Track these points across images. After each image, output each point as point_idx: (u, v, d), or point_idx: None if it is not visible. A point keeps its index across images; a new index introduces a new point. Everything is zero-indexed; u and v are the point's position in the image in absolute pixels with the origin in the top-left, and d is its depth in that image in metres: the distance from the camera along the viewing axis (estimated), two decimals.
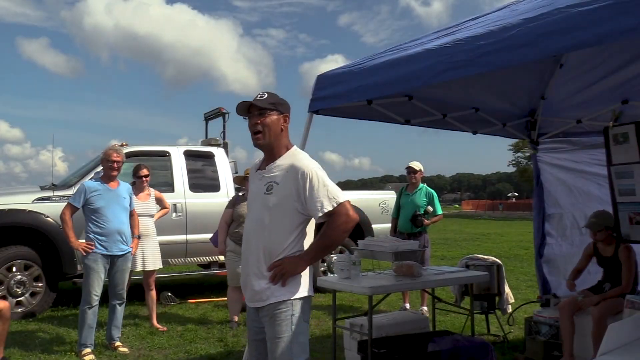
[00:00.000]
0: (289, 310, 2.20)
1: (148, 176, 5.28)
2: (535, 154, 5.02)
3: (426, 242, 5.82)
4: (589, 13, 1.98)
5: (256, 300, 2.26)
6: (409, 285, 4.10)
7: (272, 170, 2.28)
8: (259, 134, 2.27)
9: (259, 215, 2.27)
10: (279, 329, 2.19)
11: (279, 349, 2.18)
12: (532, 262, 5.84)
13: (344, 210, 2.19)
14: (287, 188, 2.21)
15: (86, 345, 4.33)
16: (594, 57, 3.91)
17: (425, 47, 2.71)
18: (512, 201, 61.72)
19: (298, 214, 2.23)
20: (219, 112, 8.13)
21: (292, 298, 2.20)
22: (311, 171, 2.20)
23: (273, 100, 2.30)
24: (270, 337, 2.21)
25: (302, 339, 2.22)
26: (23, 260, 5.69)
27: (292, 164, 2.24)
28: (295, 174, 2.20)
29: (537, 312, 4.34)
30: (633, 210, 4.09)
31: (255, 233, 2.28)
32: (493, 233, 20.33)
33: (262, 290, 2.22)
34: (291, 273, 2.20)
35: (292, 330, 2.18)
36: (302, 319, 2.22)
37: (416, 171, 5.94)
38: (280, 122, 2.29)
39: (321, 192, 2.17)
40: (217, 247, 5.51)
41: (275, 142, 2.30)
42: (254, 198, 2.36)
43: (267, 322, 2.23)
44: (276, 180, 2.24)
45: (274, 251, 2.22)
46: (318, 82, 3.43)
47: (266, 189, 2.25)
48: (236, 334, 5.01)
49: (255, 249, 2.27)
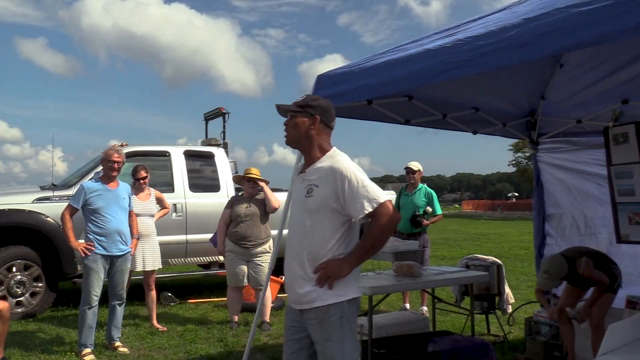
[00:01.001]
0: (338, 313, 2.19)
1: (146, 178, 5.26)
2: (535, 154, 5.02)
3: (426, 242, 5.82)
4: (589, 13, 1.98)
5: (302, 303, 2.26)
6: (409, 285, 4.10)
7: (311, 173, 2.29)
8: (286, 135, 2.34)
9: (301, 219, 2.28)
10: (329, 332, 2.18)
11: (331, 351, 2.18)
12: (532, 262, 5.85)
13: (385, 210, 2.17)
14: (326, 190, 2.20)
15: (86, 345, 4.33)
16: (594, 57, 3.90)
17: (426, 47, 2.71)
18: (512, 201, 61.70)
19: (339, 215, 2.22)
20: (219, 112, 8.13)
21: (339, 301, 2.19)
22: (350, 172, 2.19)
23: (303, 102, 2.32)
24: (319, 339, 2.22)
25: (352, 340, 2.23)
26: (23, 260, 5.69)
27: (330, 166, 2.24)
28: (333, 176, 2.20)
29: (537, 312, 4.34)
30: (632, 210, 4.08)
31: (298, 236, 2.28)
32: (493, 233, 20.33)
33: (307, 293, 2.22)
34: (336, 276, 2.18)
35: (341, 332, 2.18)
36: (350, 321, 2.22)
37: (415, 171, 5.94)
38: (307, 124, 2.29)
39: (361, 193, 2.16)
40: (216, 247, 5.52)
41: (305, 144, 2.32)
42: (295, 202, 2.38)
43: (314, 325, 2.23)
44: (315, 183, 2.24)
45: (317, 254, 2.22)
46: (318, 82, 3.43)
47: (306, 192, 2.26)
48: (236, 334, 5.01)
49: (298, 252, 2.27)
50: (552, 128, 4.83)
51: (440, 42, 2.66)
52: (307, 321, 2.25)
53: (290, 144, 2.36)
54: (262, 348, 4.62)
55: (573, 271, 3.62)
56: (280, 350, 4.47)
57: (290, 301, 2.35)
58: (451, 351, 3.43)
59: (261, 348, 4.62)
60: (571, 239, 4.81)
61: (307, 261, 2.23)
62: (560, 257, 3.72)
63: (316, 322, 2.21)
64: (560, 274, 3.62)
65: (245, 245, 5.23)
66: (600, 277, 3.59)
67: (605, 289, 3.59)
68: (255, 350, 4.46)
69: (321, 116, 2.31)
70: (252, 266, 5.29)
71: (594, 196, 4.66)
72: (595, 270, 3.60)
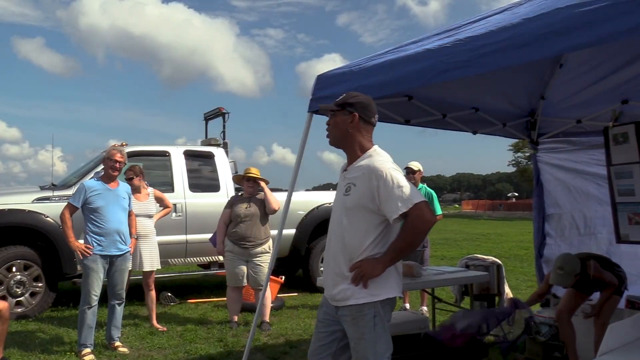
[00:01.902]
0: (371, 313, 2.20)
1: (133, 178, 5.19)
2: (535, 154, 5.02)
3: (425, 242, 5.82)
4: (589, 13, 1.98)
5: (337, 300, 2.29)
6: (409, 285, 4.10)
7: (351, 171, 2.30)
8: (328, 134, 2.36)
9: (339, 217, 2.31)
10: (362, 330, 2.22)
11: (363, 349, 2.21)
12: (532, 262, 5.84)
13: (418, 211, 2.15)
14: (362, 189, 2.21)
15: (86, 345, 4.33)
16: (594, 57, 3.91)
17: (426, 47, 2.71)
18: (512, 201, 61.71)
19: (375, 215, 2.22)
20: (219, 112, 8.13)
21: (372, 301, 2.21)
22: (386, 172, 2.18)
23: (342, 100, 2.32)
24: (353, 337, 2.25)
25: (386, 340, 2.25)
26: (23, 260, 5.69)
27: (368, 164, 2.24)
28: (370, 175, 2.20)
29: (537, 312, 4.34)
30: (632, 210, 4.08)
31: (335, 234, 2.31)
32: (493, 233, 20.34)
33: (343, 290, 2.25)
34: (370, 275, 2.18)
35: (374, 331, 2.21)
36: (384, 320, 2.24)
37: (415, 171, 5.94)
38: (347, 122, 2.30)
39: (396, 194, 2.15)
40: (216, 247, 5.52)
41: (345, 142, 2.34)
42: (336, 200, 2.41)
43: (347, 322, 2.25)
44: (354, 182, 2.26)
45: (353, 253, 2.23)
46: (318, 82, 3.43)
47: (345, 191, 2.28)
48: (236, 334, 5.01)
49: (335, 250, 2.31)
50: (552, 128, 4.83)
51: (440, 42, 2.66)
52: (342, 317, 2.29)
53: (334, 144, 2.36)
54: (262, 348, 4.62)
55: (584, 272, 3.63)
56: (280, 350, 4.50)
57: (327, 296, 2.38)
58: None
59: (261, 348, 4.62)
60: (570, 239, 4.82)
61: (344, 259, 2.26)
62: (574, 255, 3.74)
63: (350, 319, 2.24)
64: (574, 271, 3.63)
65: (245, 245, 5.23)
66: (611, 278, 3.61)
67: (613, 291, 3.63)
68: (255, 350, 4.46)
69: (360, 113, 2.30)
70: (251, 266, 5.29)
71: (593, 196, 4.66)
72: (605, 271, 3.63)
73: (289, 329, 5.24)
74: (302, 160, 3.60)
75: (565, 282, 3.68)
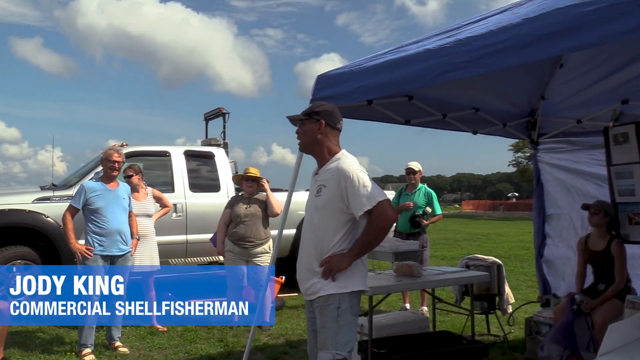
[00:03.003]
0: (336, 303, 2.36)
1: (132, 176, 5.19)
2: (535, 154, 5.02)
3: (425, 242, 5.82)
4: (589, 14, 1.98)
5: (309, 294, 2.47)
6: (409, 285, 4.10)
7: (322, 174, 2.49)
8: (299, 142, 2.57)
9: (311, 217, 2.50)
10: (325, 319, 2.36)
11: (324, 337, 2.35)
12: (532, 263, 5.84)
13: (381, 209, 2.32)
14: (332, 190, 2.40)
15: (86, 345, 4.33)
16: (594, 57, 3.91)
17: (426, 47, 2.71)
18: (512, 201, 61.67)
19: (343, 213, 2.39)
20: (219, 112, 8.13)
21: (339, 292, 2.36)
22: (352, 173, 2.37)
23: (310, 109, 2.52)
24: (319, 326, 2.40)
25: (348, 331, 2.37)
26: (23, 260, 5.68)
27: (337, 167, 2.43)
28: (339, 176, 2.39)
29: (538, 312, 4.34)
30: (632, 210, 4.08)
31: (308, 233, 2.51)
32: (493, 233, 20.33)
33: (314, 284, 2.42)
34: (337, 269, 2.36)
35: (337, 322, 2.34)
36: (349, 312, 2.38)
37: (416, 172, 5.95)
38: (314, 130, 2.48)
39: (361, 192, 2.33)
40: (216, 247, 5.51)
41: (315, 148, 2.52)
42: (308, 202, 2.57)
43: (317, 313, 2.42)
44: (324, 184, 2.44)
45: (323, 249, 2.40)
46: (318, 82, 3.43)
47: (316, 192, 2.46)
48: (236, 334, 5.01)
49: (307, 247, 2.49)
50: (552, 128, 4.83)
51: (440, 42, 2.66)
52: (315, 310, 2.44)
53: (304, 150, 2.59)
54: (262, 348, 4.62)
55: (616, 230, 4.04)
56: (280, 350, 4.50)
57: (303, 293, 2.54)
58: None
59: (261, 348, 4.62)
60: (568, 240, 4.81)
61: (315, 255, 2.43)
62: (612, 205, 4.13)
63: (318, 310, 2.41)
64: (606, 207, 3.99)
65: (245, 245, 5.22)
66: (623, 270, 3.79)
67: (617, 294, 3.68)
68: (255, 350, 4.46)
69: (326, 120, 2.49)
70: (251, 266, 5.29)
71: (592, 197, 4.64)
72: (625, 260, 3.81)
73: (289, 329, 5.24)
74: (302, 160, 3.60)
75: (597, 207, 3.99)
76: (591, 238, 4.04)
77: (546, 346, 3.59)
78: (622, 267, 3.79)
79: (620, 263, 3.79)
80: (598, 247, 3.95)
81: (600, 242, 3.95)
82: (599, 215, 3.96)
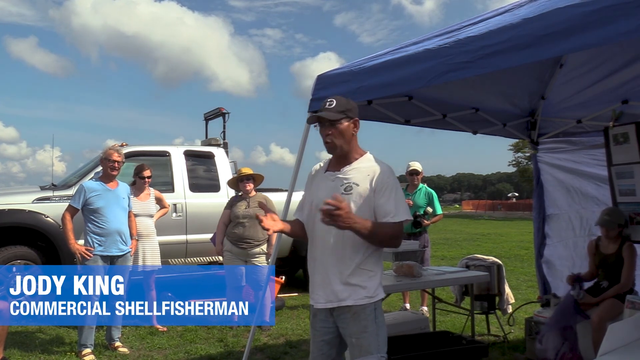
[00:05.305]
0: (371, 307, 2.29)
1: (150, 177, 5.27)
2: (535, 154, 5.02)
3: (426, 242, 5.82)
4: (590, 14, 1.98)
5: (338, 300, 2.30)
6: (409, 285, 4.10)
7: (349, 172, 2.35)
8: (331, 143, 2.33)
9: None
10: (365, 323, 2.27)
11: (367, 342, 2.27)
12: (532, 263, 5.84)
13: (399, 227, 2.29)
14: (365, 190, 2.29)
15: (86, 345, 4.33)
16: (594, 57, 3.90)
17: (426, 48, 2.71)
18: (513, 201, 61.64)
19: (372, 213, 2.30)
20: (219, 112, 8.13)
21: (371, 302, 2.29)
22: (395, 182, 2.32)
23: (342, 107, 2.34)
24: (354, 332, 2.28)
25: (384, 332, 2.34)
26: (23, 260, 5.68)
27: (374, 169, 2.32)
28: (379, 178, 2.29)
29: (538, 313, 4.34)
30: (633, 210, 4.08)
31: (330, 233, 2.27)
32: (493, 233, 20.33)
33: (341, 290, 2.28)
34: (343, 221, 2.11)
35: (376, 324, 2.29)
36: (381, 314, 2.34)
37: (419, 173, 5.98)
38: (350, 129, 2.35)
39: (396, 204, 2.28)
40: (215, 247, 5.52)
41: (349, 148, 2.37)
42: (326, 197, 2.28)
43: (348, 320, 2.30)
44: (356, 182, 2.31)
45: (354, 246, 2.27)
46: (318, 82, 3.42)
47: (344, 190, 2.31)
48: (236, 334, 5.01)
49: (332, 249, 2.30)
50: (552, 128, 4.83)
51: (440, 43, 2.66)
52: (340, 317, 2.31)
53: (340, 151, 2.35)
54: (262, 348, 4.62)
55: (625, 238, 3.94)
56: (280, 350, 4.50)
57: (320, 299, 2.35)
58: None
59: (261, 348, 4.62)
60: (566, 240, 4.81)
61: (346, 258, 2.28)
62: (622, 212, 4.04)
63: (350, 315, 2.29)
64: (619, 220, 3.91)
65: (243, 246, 5.23)
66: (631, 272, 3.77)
67: (618, 294, 3.67)
68: (255, 350, 4.46)
69: (358, 117, 2.40)
70: (250, 267, 5.29)
71: (592, 197, 4.65)
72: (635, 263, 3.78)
73: (289, 329, 5.24)
74: (302, 160, 3.60)
75: (610, 225, 3.90)
76: (602, 241, 4.02)
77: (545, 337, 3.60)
78: (630, 269, 3.77)
79: (630, 265, 3.78)
80: (609, 250, 3.94)
81: (612, 246, 3.94)
82: (614, 230, 3.92)
